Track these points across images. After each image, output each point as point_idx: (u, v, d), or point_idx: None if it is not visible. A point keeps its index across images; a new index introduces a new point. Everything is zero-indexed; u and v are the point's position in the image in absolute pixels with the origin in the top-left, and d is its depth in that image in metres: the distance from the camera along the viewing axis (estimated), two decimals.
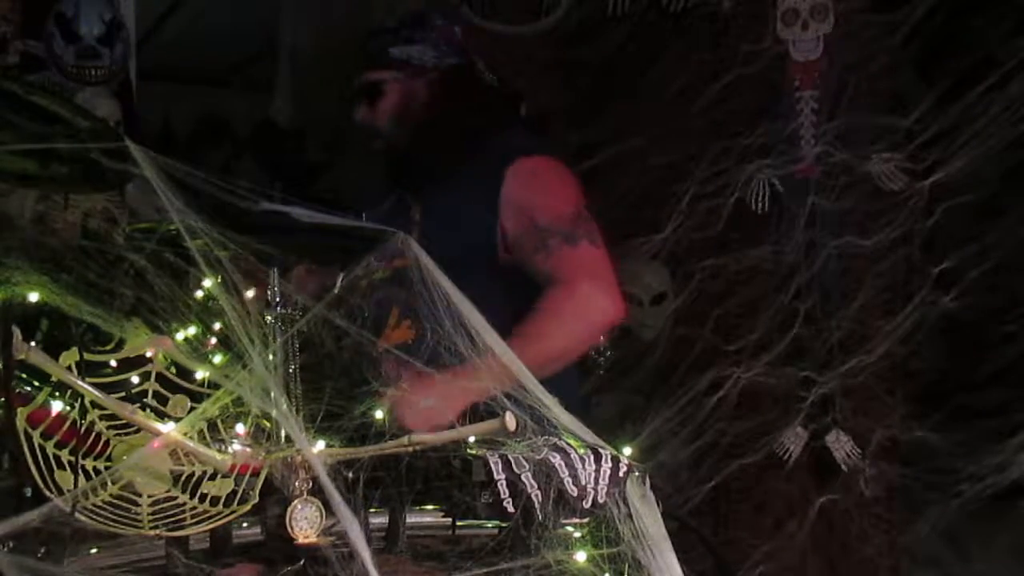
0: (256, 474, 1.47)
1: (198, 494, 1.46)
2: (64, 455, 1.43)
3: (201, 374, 1.52)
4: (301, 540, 1.43)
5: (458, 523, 1.60)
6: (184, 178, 1.42)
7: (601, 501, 1.51)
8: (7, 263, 1.44)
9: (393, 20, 2.59)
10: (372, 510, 1.53)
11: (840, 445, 3.49)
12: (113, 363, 1.51)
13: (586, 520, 1.52)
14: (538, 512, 1.47)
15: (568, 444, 1.54)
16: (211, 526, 1.46)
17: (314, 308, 1.56)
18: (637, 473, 1.56)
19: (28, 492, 1.40)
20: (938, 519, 3.30)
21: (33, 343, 1.43)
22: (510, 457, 1.49)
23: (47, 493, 1.39)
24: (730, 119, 3.68)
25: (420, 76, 2.53)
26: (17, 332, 1.39)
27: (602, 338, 3.81)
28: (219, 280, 1.44)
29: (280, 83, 5.30)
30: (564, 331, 2.31)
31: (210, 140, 5.70)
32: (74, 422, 1.44)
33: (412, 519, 1.58)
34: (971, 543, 3.57)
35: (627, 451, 1.58)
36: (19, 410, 1.42)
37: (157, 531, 1.43)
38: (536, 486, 1.48)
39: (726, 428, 3.51)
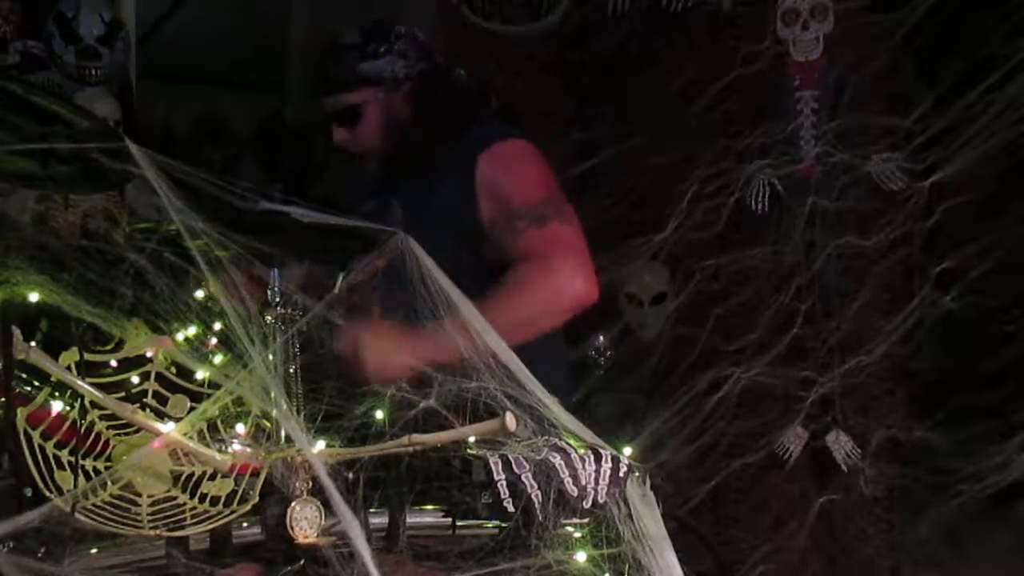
0: (256, 474, 1.47)
1: (198, 494, 1.46)
2: (64, 455, 1.43)
3: (201, 374, 1.52)
4: (301, 540, 1.43)
5: (458, 523, 1.60)
6: (184, 178, 1.42)
7: (601, 501, 1.51)
8: (7, 263, 1.44)
9: (352, 35, 2.53)
10: (372, 510, 1.53)
11: (840, 445, 3.49)
12: (113, 363, 1.51)
13: (586, 520, 1.52)
14: (538, 512, 1.47)
15: (568, 444, 1.54)
16: (211, 526, 1.46)
17: (315, 308, 1.56)
18: (637, 473, 1.56)
19: (28, 492, 1.40)
20: (938, 519, 3.31)
21: (33, 343, 1.43)
22: (510, 457, 1.49)
23: (47, 493, 1.39)
24: (730, 119, 3.69)
25: (395, 90, 2.48)
26: (17, 332, 1.39)
27: (601, 338, 3.82)
28: (219, 280, 1.44)
29: (290, 83, 5.29)
30: (531, 304, 2.25)
31: (210, 140, 5.70)
32: (74, 422, 1.44)
33: (412, 519, 1.57)
34: (971, 543, 3.56)
35: (627, 451, 1.58)
36: (19, 410, 1.42)
37: (157, 531, 1.43)
38: (536, 486, 1.48)
39: (726, 428, 3.51)
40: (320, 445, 1.44)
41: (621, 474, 1.53)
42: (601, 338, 3.81)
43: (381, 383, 1.67)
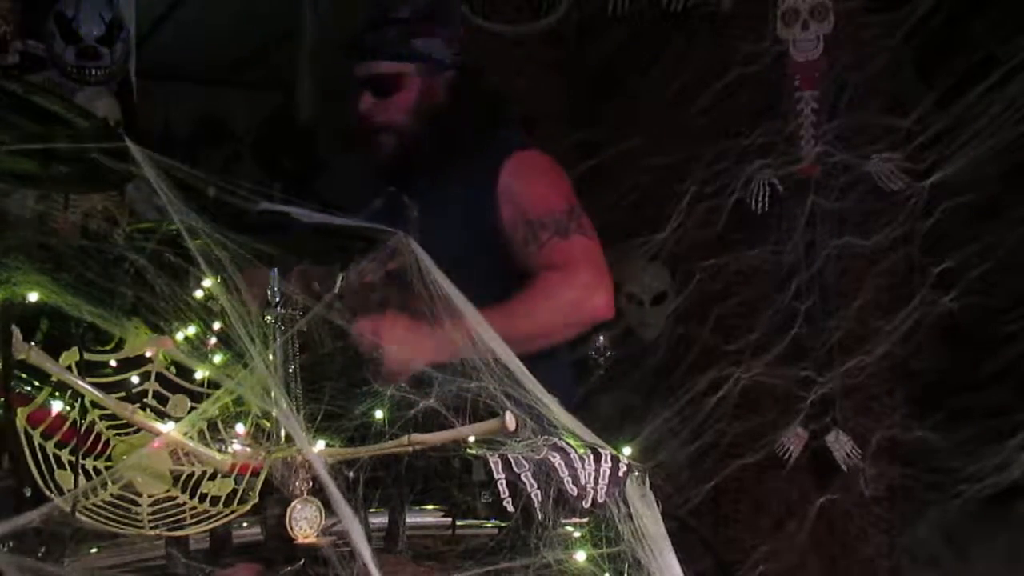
0: (256, 474, 1.47)
1: (198, 494, 1.46)
2: (64, 455, 1.43)
3: (201, 374, 1.52)
4: (301, 540, 1.43)
5: (458, 523, 1.60)
6: (184, 178, 1.42)
7: (601, 501, 1.51)
8: (7, 263, 1.45)
9: (405, 10, 2.53)
10: (372, 510, 1.53)
11: (840, 445, 3.49)
12: (113, 363, 1.51)
13: (586, 520, 1.52)
14: (538, 512, 1.47)
15: (568, 444, 1.54)
16: (211, 526, 1.46)
17: (314, 308, 1.56)
18: (637, 473, 1.56)
19: (28, 492, 1.40)
20: (938, 519, 3.31)
21: (33, 343, 1.43)
22: (510, 457, 1.49)
23: (47, 493, 1.39)
24: (730, 119, 3.68)
25: (436, 73, 2.48)
26: (17, 332, 1.39)
27: (601, 338, 3.82)
28: (219, 280, 1.44)
29: (301, 84, 5.28)
30: (552, 313, 2.28)
31: (210, 140, 5.70)
32: (74, 422, 1.44)
33: (412, 519, 1.58)
34: (971, 543, 3.56)
35: (627, 451, 1.58)
36: (19, 410, 1.42)
37: (157, 531, 1.43)
38: (536, 486, 1.48)
39: (726, 428, 3.51)
40: (320, 445, 1.44)
41: (621, 474, 1.53)
42: (601, 338, 3.81)
43: (398, 374, 1.68)
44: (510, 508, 1.47)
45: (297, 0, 5.23)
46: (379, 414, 1.53)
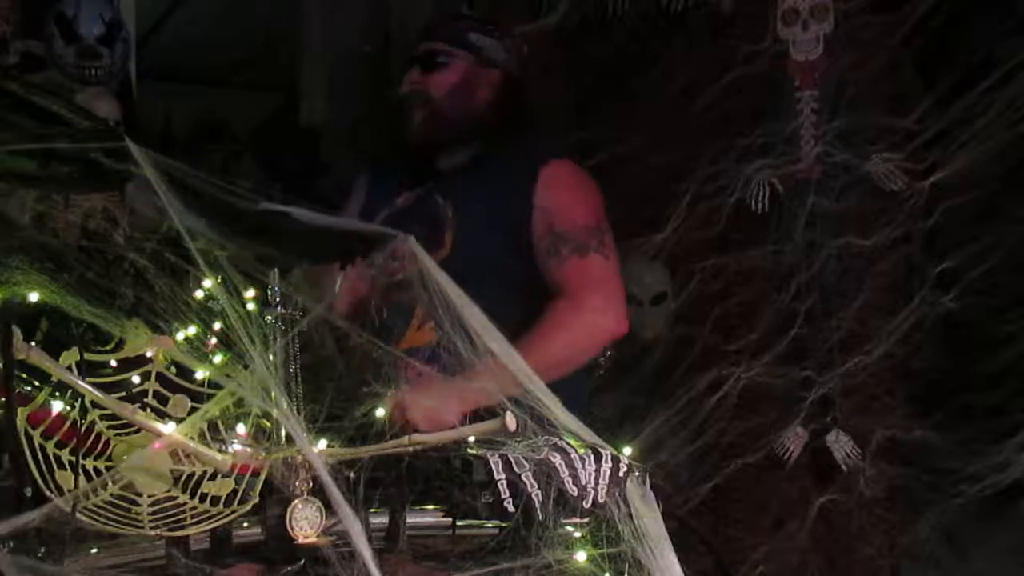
0: (256, 474, 1.47)
1: (198, 494, 1.46)
2: (64, 455, 1.43)
3: (202, 374, 1.52)
4: (301, 540, 1.43)
5: (458, 523, 1.60)
6: (184, 178, 1.42)
7: (601, 501, 1.51)
8: (7, 263, 1.44)
9: (474, 12, 2.69)
10: (372, 510, 1.53)
11: (840, 445, 3.49)
12: (113, 363, 1.51)
13: (586, 520, 1.52)
14: (538, 512, 1.47)
15: (568, 444, 1.54)
16: (211, 526, 1.46)
17: (315, 308, 1.56)
18: (637, 473, 1.56)
19: (28, 492, 1.40)
20: (938, 519, 3.30)
21: (33, 343, 1.43)
22: (510, 457, 1.49)
23: (47, 493, 1.39)
24: (730, 119, 3.68)
25: (486, 69, 2.60)
26: (17, 332, 1.39)
27: None
28: (219, 280, 1.45)
29: (308, 84, 5.28)
30: (565, 344, 2.35)
31: (210, 140, 5.69)
32: (74, 422, 1.44)
33: (412, 519, 1.58)
34: (971, 543, 3.56)
35: (627, 451, 1.58)
36: (19, 410, 1.42)
37: (157, 531, 1.44)
38: (536, 486, 1.48)
39: (726, 428, 3.51)
40: (321, 445, 1.44)
41: (621, 474, 1.53)
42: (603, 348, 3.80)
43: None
44: (510, 508, 1.47)
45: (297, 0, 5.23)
46: (380, 413, 1.53)
